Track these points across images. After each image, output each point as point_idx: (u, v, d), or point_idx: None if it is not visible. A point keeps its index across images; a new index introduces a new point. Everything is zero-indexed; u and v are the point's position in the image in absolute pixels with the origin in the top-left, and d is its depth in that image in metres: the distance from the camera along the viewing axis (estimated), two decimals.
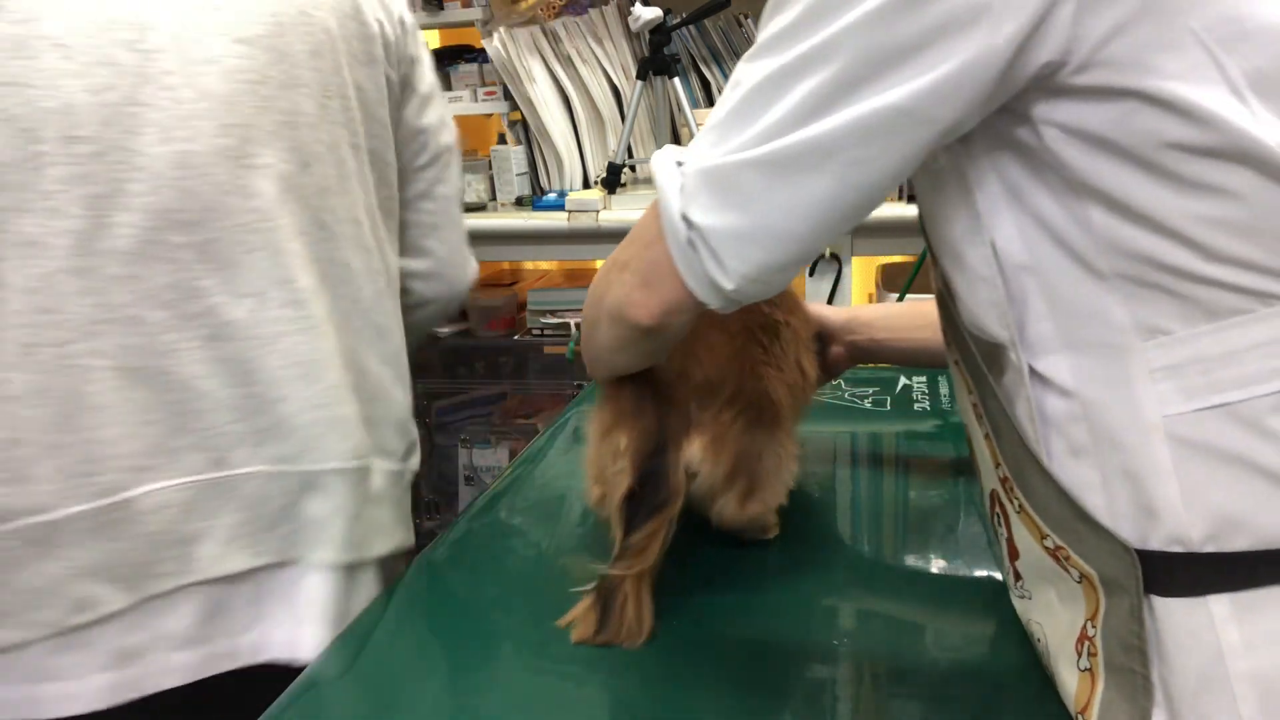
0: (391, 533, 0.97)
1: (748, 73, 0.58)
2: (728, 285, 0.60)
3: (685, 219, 0.59)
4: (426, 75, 1.04)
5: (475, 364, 2.41)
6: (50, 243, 0.75)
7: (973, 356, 0.64)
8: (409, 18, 1.01)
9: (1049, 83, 0.53)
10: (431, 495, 2.31)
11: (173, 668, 0.82)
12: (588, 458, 0.90)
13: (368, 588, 0.93)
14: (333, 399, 0.88)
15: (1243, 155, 0.50)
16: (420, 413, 2.23)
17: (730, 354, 0.85)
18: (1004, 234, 0.58)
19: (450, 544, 1.00)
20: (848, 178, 0.56)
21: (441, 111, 1.07)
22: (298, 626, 0.87)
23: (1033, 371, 0.59)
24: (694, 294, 0.62)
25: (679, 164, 0.61)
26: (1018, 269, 0.58)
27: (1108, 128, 0.52)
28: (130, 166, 0.77)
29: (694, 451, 0.80)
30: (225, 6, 0.83)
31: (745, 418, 0.83)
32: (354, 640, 0.83)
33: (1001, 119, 0.56)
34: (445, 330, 2.14)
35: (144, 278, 0.78)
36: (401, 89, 0.99)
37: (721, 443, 0.81)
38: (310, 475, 0.87)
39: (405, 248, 1.06)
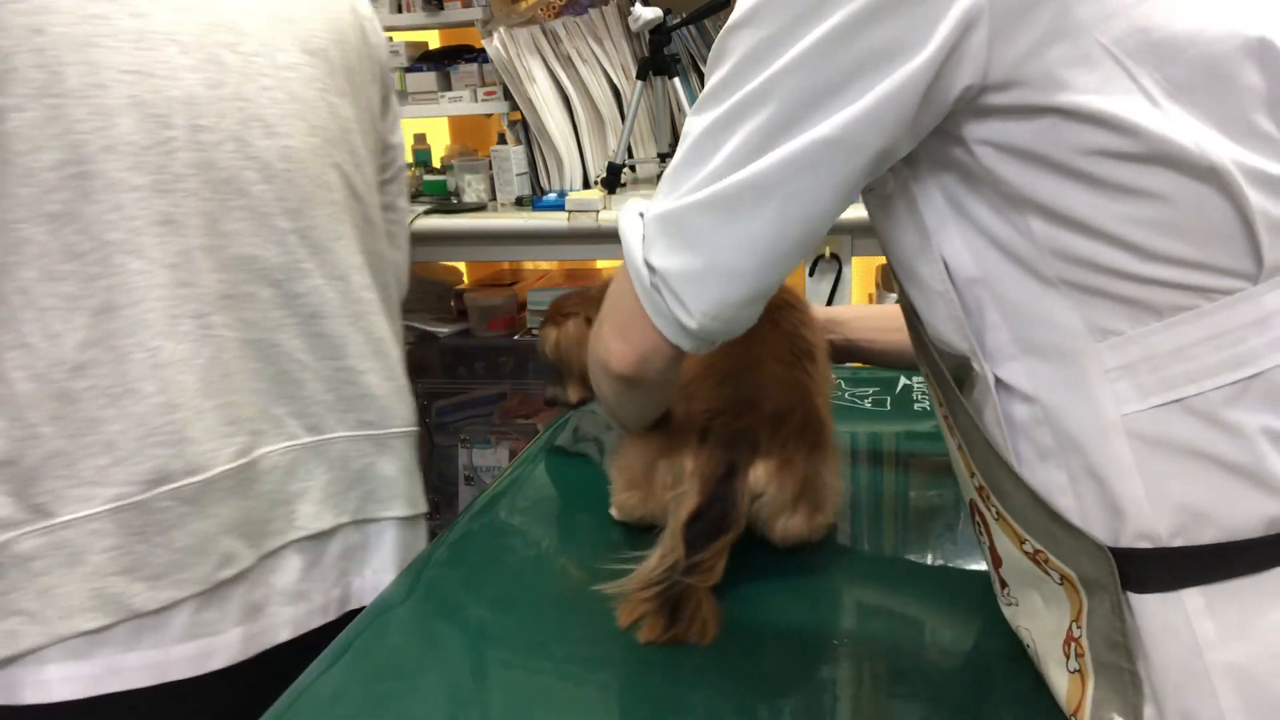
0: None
1: (694, 124, 0.62)
2: (692, 324, 0.63)
3: (647, 264, 0.63)
4: (395, 96, 1.14)
5: (475, 364, 2.41)
6: (186, 221, 0.81)
7: (940, 370, 0.65)
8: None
9: (973, 104, 0.55)
10: (431, 495, 2.30)
11: (283, 621, 0.89)
12: (620, 464, 0.93)
13: (422, 539, 1.05)
14: (397, 372, 1.00)
15: (1163, 158, 0.52)
16: (420, 413, 2.23)
17: (791, 383, 0.90)
18: (953, 250, 0.60)
19: (450, 544, 1.00)
20: (788, 211, 0.58)
21: (401, 131, 1.18)
22: (378, 575, 0.97)
23: (997, 380, 0.61)
24: (664, 336, 0.65)
25: (640, 215, 0.65)
26: (969, 282, 0.60)
27: (1034, 142, 0.55)
28: (244, 156, 0.84)
29: (760, 477, 0.84)
30: (296, 19, 0.91)
31: (807, 442, 0.87)
32: (354, 639, 0.83)
33: (938, 141, 0.58)
34: (445, 330, 2.14)
35: (260, 258, 0.85)
36: (384, 107, 1.08)
37: (789, 467, 0.85)
38: (389, 439, 0.98)
39: None
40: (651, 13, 1.79)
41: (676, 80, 1.85)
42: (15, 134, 0.73)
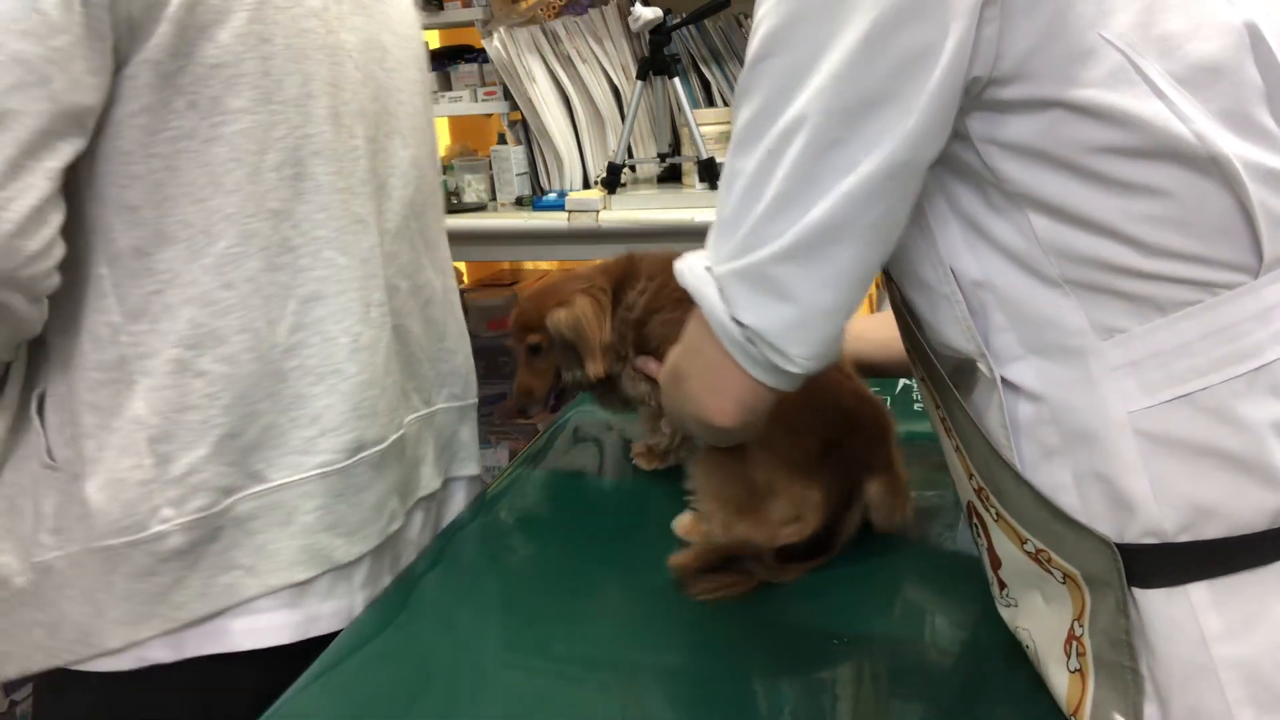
0: None
1: (739, 166, 0.60)
2: (795, 369, 0.62)
3: (736, 322, 0.61)
4: None
5: (475, 364, 2.40)
6: (369, 221, 0.90)
7: (938, 373, 0.65)
8: None
9: (980, 100, 0.55)
10: None
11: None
12: (718, 493, 0.91)
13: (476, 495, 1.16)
14: (469, 350, 1.14)
15: (1166, 152, 0.52)
16: None
17: (869, 399, 0.96)
18: (957, 253, 0.60)
19: (450, 543, 1.00)
20: (869, 238, 0.58)
21: None
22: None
23: (1003, 380, 0.61)
24: (763, 384, 0.64)
25: (707, 268, 0.63)
26: (974, 284, 0.60)
27: (1037, 139, 0.55)
28: (390, 165, 0.95)
29: (877, 492, 0.90)
30: (408, 36, 1.00)
31: (896, 446, 0.93)
32: (355, 638, 0.83)
33: (947, 144, 0.58)
34: None
35: (399, 254, 0.96)
36: None
37: (897, 477, 0.92)
38: (467, 408, 1.12)
39: None
40: (651, 13, 1.79)
41: (676, 80, 1.85)
42: (246, 134, 0.79)
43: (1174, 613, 0.55)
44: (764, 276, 0.60)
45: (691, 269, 0.65)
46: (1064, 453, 0.59)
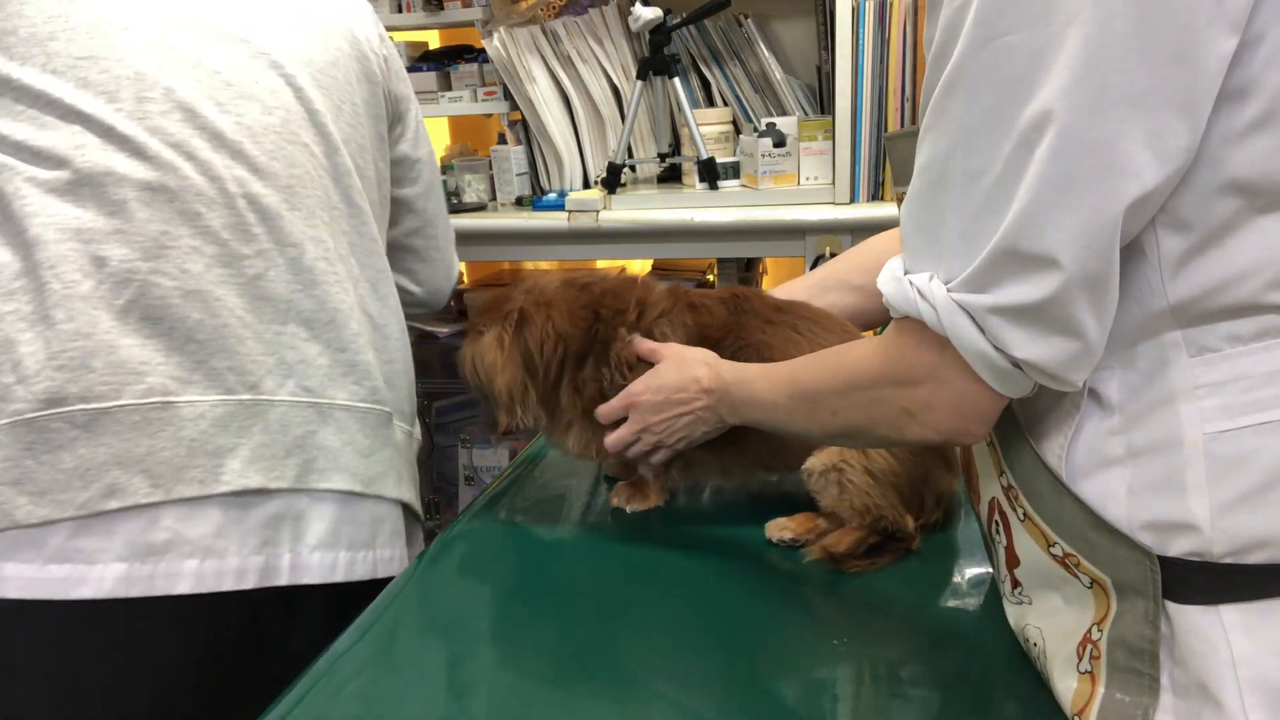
0: (400, 482, 1.03)
1: (972, 158, 0.53)
2: (1070, 389, 0.58)
3: (1003, 354, 0.56)
4: None
5: None
6: (114, 172, 0.89)
7: None
8: None
9: None
10: (431, 495, 2.30)
11: (184, 573, 0.86)
12: (871, 485, 0.90)
13: (383, 529, 1.00)
14: (373, 352, 1.00)
15: None
16: (420, 413, 2.23)
17: None
18: None
19: (450, 544, 1.00)
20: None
21: None
22: (305, 553, 0.93)
23: (1089, 387, 0.59)
24: (1010, 396, 0.60)
25: (947, 286, 0.56)
26: None
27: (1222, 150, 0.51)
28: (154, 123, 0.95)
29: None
30: None
31: None
32: (353, 637, 0.83)
33: None
34: (445, 330, 2.14)
35: (176, 220, 0.91)
36: None
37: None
38: (330, 409, 0.95)
39: None
40: (651, 13, 1.79)
41: (676, 80, 1.85)
42: None
43: (1206, 630, 0.55)
44: (1048, 315, 0.53)
45: (934, 294, 0.57)
46: (1125, 465, 0.57)
